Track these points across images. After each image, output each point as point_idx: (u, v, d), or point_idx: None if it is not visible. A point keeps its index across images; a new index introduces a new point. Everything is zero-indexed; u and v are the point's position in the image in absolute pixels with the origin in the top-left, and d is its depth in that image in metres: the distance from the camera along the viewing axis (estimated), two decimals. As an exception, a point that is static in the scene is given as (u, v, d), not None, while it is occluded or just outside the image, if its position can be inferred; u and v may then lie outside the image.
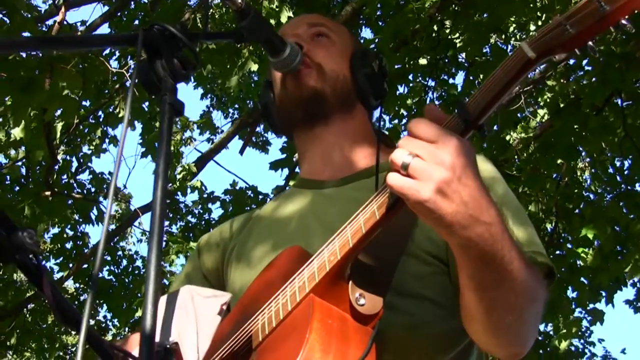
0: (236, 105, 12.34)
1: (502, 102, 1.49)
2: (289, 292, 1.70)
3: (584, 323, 9.83)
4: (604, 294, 8.40)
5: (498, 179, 1.94)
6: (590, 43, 1.42)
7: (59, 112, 5.95)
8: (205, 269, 2.21)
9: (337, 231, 1.66)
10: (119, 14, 8.61)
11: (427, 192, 1.38)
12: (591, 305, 8.84)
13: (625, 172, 8.04)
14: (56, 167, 8.60)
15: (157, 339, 1.61)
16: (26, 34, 5.11)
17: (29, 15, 5.53)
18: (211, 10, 9.87)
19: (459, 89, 8.50)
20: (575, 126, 6.72)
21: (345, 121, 2.15)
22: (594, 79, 6.85)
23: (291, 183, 8.57)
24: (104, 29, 8.53)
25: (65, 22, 7.12)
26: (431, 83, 8.74)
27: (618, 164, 8.45)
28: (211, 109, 12.30)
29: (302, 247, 1.82)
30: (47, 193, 8.25)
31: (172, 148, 8.36)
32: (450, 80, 8.77)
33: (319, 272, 1.64)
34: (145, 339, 1.25)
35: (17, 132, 6.37)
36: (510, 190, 1.95)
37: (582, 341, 11.12)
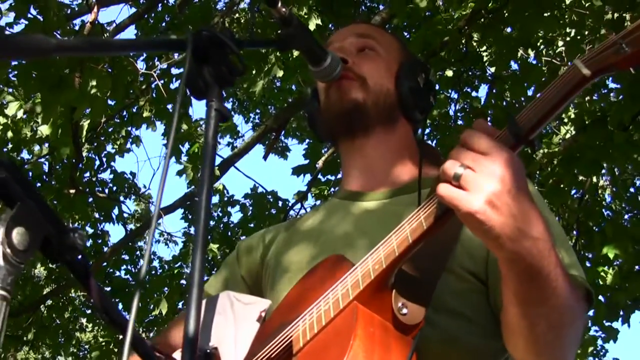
0: (257, 110, 12.35)
1: (554, 118, 1.49)
2: (332, 299, 1.69)
3: (599, 342, 9.76)
4: (621, 312, 8.34)
5: (542, 201, 1.95)
6: None
7: (86, 111, 5.97)
8: (244, 273, 2.22)
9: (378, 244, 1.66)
10: (146, 16, 8.64)
11: (478, 204, 1.39)
12: (607, 323, 8.78)
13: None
14: (80, 165, 8.63)
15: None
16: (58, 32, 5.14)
17: (59, 13, 5.56)
18: (237, 14, 9.87)
19: (482, 102, 8.50)
20: (599, 142, 6.68)
21: (387, 134, 2.14)
22: (621, 97, 6.82)
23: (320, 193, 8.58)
24: (131, 30, 8.58)
25: (97, 22, 7.14)
26: (454, 95, 8.73)
27: (638, 182, 8.42)
28: (232, 112, 12.33)
29: (343, 255, 1.82)
30: (71, 191, 8.28)
31: (196, 150, 8.37)
32: (473, 93, 8.77)
33: (363, 280, 1.64)
34: (188, 343, 1.25)
35: (44, 129, 6.39)
36: (552, 213, 1.96)
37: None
